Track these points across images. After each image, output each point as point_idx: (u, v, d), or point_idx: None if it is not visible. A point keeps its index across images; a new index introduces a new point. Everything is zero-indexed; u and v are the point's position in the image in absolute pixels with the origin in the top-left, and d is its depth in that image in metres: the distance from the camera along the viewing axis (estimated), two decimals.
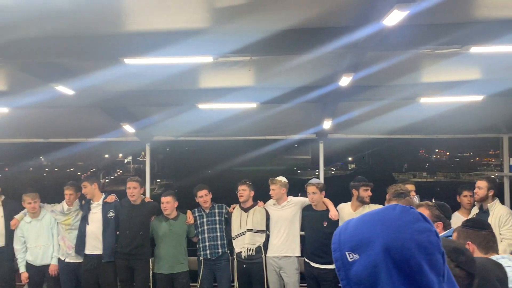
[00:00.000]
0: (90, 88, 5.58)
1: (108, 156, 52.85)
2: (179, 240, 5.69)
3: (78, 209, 5.85)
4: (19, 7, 3.55)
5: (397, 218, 1.01)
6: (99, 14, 3.83)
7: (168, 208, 5.59)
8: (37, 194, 5.86)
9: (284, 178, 5.71)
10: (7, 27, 3.95)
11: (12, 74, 5.67)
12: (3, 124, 7.30)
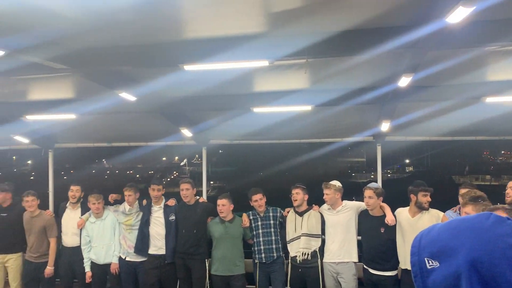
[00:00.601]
0: (151, 94, 5.81)
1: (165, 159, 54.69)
2: (235, 242, 5.75)
3: (138, 210, 6.06)
4: (85, 18, 3.77)
5: (489, 228, 0.91)
6: (160, 23, 4.00)
7: (224, 210, 5.68)
8: (101, 195, 6.15)
9: (339, 182, 5.58)
10: (75, 38, 4.21)
11: (79, 82, 6.04)
12: (70, 129, 7.79)
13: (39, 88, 6.37)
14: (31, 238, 6.28)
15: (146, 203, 6.03)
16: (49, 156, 8.53)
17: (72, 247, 6.23)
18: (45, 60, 4.40)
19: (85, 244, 6.18)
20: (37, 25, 3.69)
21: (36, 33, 3.79)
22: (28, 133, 8.07)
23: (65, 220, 6.30)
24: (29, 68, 4.80)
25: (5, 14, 3.38)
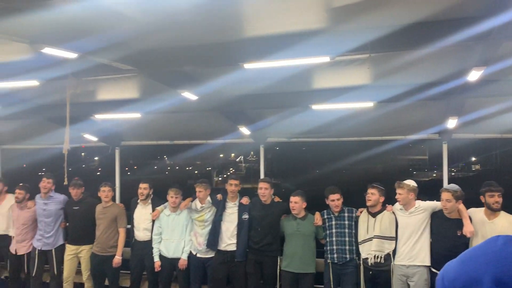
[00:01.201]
0: (211, 93, 5.92)
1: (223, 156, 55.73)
2: (307, 240, 5.69)
3: (211, 205, 6.12)
4: (150, 20, 3.91)
5: (501, 250, 0.95)
6: (222, 23, 4.05)
7: (296, 207, 5.65)
8: (180, 191, 6.25)
9: (413, 182, 5.33)
10: (140, 39, 4.39)
11: (143, 83, 6.28)
12: (135, 127, 8.14)
13: (107, 89, 6.69)
14: (99, 229, 6.60)
15: (221, 199, 6.06)
16: (116, 153, 8.95)
17: (143, 241, 6.43)
18: (113, 62, 4.62)
19: (156, 235, 6.33)
20: (106, 27, 3.87)
21: (105, 35, 3.98)
22: (96, 132, 8.52)
23: (137, 215, 6.54)
24: (98, 69, 5.08)
25: (78, 18, 3.58)
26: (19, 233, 6.88)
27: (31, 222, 6.86)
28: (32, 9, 3.20)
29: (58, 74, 5.05)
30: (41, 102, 7.18)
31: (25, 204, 6.86)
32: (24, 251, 6.86)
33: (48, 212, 6.74)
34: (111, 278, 6.64)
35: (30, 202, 6.87)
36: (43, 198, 6.78)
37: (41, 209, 6.76)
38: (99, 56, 4.38)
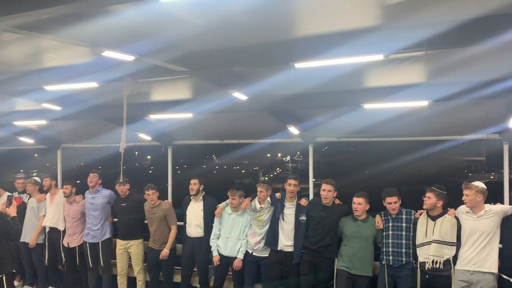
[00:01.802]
0: (261, 93, 5.95)
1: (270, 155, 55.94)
2: (366, 242, 5.60)
3: (270, 206, 6.12)
4: (203, 22, 3.98)
5: None
6: (272, 23, 4.07)
7: (359, 209, 5.58)
8: (238, 192, 6.28)
9: (482, 183, 5.06)
10: (193, 41, 4.49)
11: (195, 83, 6.43)
12: (187, 127, 8.33)
13: (160, 90, 6.91)
14: (152, 227, 6.86)
15: (280, 197, 6.04)
16: (169, 152, 9.22)
17: (195, 238, 6.62)
18: (167, 63, 4.76)
19: (217, 231, 6.44)
20: (161, 31, 3.99)
21: (160, 38, 4.11)
22: (150, 131, 8.81)
23: (189, 211, 6.72)
24: (153, 71, 5.25)
25: (136, 23, 3.72)
26: (69, 226, 7.28)
27: (80, 215, 7.24)
28: (94, 15, 3.37)
29: (115, 76, 5.28)
30: (99, 103, 7.53)
31: (74, 198, 7.24)
32: (75, 244, 7.25)
33: (95, 205, 7.09)
34: (165, 273, 6.87)
35: (78, 196, 7.26)
36: (91, 192, 7.15)
37: (89, 203, 7.14)
38: (154, 58, 4.54)
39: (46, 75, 5.73)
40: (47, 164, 16.87)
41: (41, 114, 8.11)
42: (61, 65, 5.43)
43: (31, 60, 5.56)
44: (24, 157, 17.30)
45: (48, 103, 7.24)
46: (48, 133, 9.85)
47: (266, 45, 4.50)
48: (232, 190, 6.32)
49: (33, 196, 7.62)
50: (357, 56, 4.17)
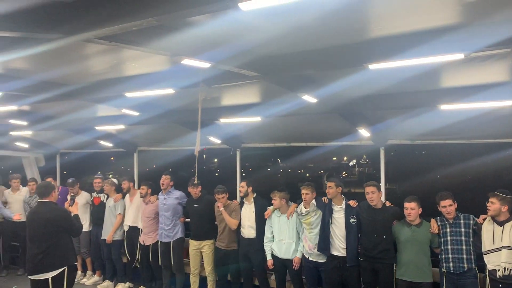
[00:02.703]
0: (331, 95, 5.91)
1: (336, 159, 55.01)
2: (423, 248, 5.43)
3: (316, 209, 6.11)
4: (274, 27, 4.04)
5: None
6: (344, 25, 4.04)
7: (412, 214, 5.41)
8: (282, 194, 6.39)
9: None
10: (265, 46, 4.57)
11: (264, 87, 6.52)
12: (255, 130, 8.48)
13: (231, 94, 7.09)
14: (221, 227, 7.06)
15: (327, 201, 6.05)
16: (237, 154, 9.43)
17: (249, 239, 6.74)
18: (240, 69, 4.89)
19: (270, 234, 6.55)
20: (237, 38, 4.12)
21: (234, 45, 4.24)
22: (220, 134, 9.08)
23: (243, 213, 6.88)
24: (225, 76, 5.42)
25: (212, 32, 3.87)
26: (145, 225, 7.67)
27: (154, 215, 7.60)
28: (176, 26, 3.56)
29: (191, 82, 5.52)
30: (173, 108, 7.88)
31: (149, 199, 7.62)
32: (150, 242, 7.62)
33: (167, 206, 7.41)
34: (232, 272, 7.03)
35: (153, 197, 7.64)
36: (163, 193, 7.48)
37: (162, 204, 7.47)
38: (228, 64, 4.68)
39: (126, 83, 6.12)
40: (122, 166, 17.82)
41: (120, 119, 8.65)
42: (141, 73, 5.78)
43: (113, 69, 5.96)
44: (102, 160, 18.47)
45: (127, 109, 7.71)
46: (125, 137, 10.48)
47: (339, 47, 4.47)
48: (274, 192, 6.40)
49: (110, 196, 8.13)
50: (435, 56, 4.02)
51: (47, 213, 5.29)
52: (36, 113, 9.04)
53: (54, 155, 12.19)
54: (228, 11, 2.97)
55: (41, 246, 5.19)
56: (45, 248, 5.17)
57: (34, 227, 5.33)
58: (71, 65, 5.64)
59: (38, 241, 5.24)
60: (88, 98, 7.23)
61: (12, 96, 7.12)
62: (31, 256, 5.29)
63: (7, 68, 5.97)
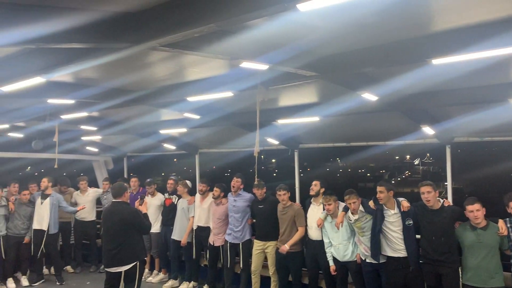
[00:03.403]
0: (392, 93, 5.75)
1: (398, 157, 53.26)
2: (491, 252, 5.11)
3: (365, 214, 5.92)
4: (334, 26, 4.01)
5: None
6: (404, 20, 3.92)
7: (479, 216, 5.11)
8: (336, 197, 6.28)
9: None
10: (324, 46, 4.54)
11: (322, 87, 6.46)
12: (313, 131, 8.43)
13: (288, 95, 7.10)
14: (282, 227, 7.06)
15: (375, 207, 5.82)
16: (295, 155, 9.41)
17: (316, 240, 6.65)
18: (298, 69, 4.90)
19: (327, 239, 6.48)
20: (294, 39, 4.13)
21: (292, 45, 4.26)
22: (277, 135, 9.11)
23: (310, 215, 6.80)
24: (283, 77, 5.44)
25: (271, 34, 3.91)
26: (215, 226, 7.82)
27: (224, 217, 7.73)
28: (235, 30, 3.64)
29: (249, 84, 5.60)
30: (232, 110, 8.03)
31: (220, 201, 7.77)
32: (219, 243, 7.76)
33: (237, 208, 7.50)
34: (293, 274, 7.01)
35: (224, 199, 7.77)
36: (233, 195, 7.60)
37: (232, 205, 7.57)
38: (287, 65, 4.71)
39: (188, 87, 6.33)
40: (184, 168, 18.41)
41: (182, 122, 8.97)
42: (201, 78, 5.96)
43: (175, 75, 6.20)
44: (165, 161, 19.20)
45: (189, 112, 7.96)
46: (187, 139, 10.83)
47: (400, 42, 4.34)
48: (326, 196, 6.27)
49: (184, 197, 8.36)
50: (505, 48, 3.77)
51: (120, 212, 5.74)
52: (105, 118, 9.60)
53: (121, 158, 12.84)
54: (285, 13, 3.00)
55: (114, 242, 5.67)
56: (118, 244, 5.64)
57: (109, 225, 5.83)
58: (137, 72, 5.94)
59: (112, 237, 5.72)
60: (153, 103, 7.56)
61: (83, 103, 7.61)
62: (106, 251, 5.80)
63: (78, 77, 6.39)
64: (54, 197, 8.58)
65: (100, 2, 3.29)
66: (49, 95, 6.54)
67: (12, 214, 8.40)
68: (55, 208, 8.54)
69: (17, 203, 8.44)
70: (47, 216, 8.42)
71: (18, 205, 8.43)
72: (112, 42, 3.72)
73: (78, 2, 3.22)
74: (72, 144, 11.50)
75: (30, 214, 8.50)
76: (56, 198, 8.62)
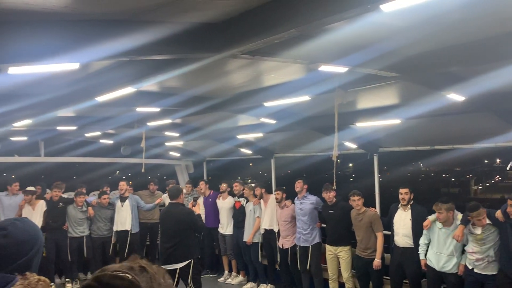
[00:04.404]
0: (482, 92, 5.38)
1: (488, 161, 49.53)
2: None
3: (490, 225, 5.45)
4: (417, 26, 3.84)
5: None
6: (491, 15, 3.67)
7: None
8: (450, 205, 5.82)
9: None
10: (407, 46, 4.36)
11: (404, 88, 6.21)
12: (394, 133, 8.11)
13: (367, 97, 6.92)
14: (359, 234, 6.89)
15: (502, 219, 5.35)
16: (374, 159, 9.13)
17: (403, 248, 6.38)
18: (379, 71, 4.76)
19: (424, 243, 6.14)
20: (375, 39, 4.03)
21: (374, 47, 4.15)
22: (355, 139, 8.91)
23: (396, 220, 6.53)
24: (362, 79, 5.33)
25: (350, 36, 3.85)
26: (282, 229, 7.90)
27: (290, 219, 7.79)
28: (314, 34, 3.64)
29: (327, 88, 5.56)
30: (308, 114, 8.00)
31: (284, 203, 7.83)
32: (288, 245, 7.80)
33: (303, 211, 7.51)
34: (374, 282, 6.81)
35: (288, 201, 7.82)
36: (299, 198, 7.60)
37: (298, 208, 7.61)
38: (367, 67, 4.60)
39: (265, 93, 6.43)
40: (260, 172, 18.65)
41: (259, 127, 9.11)
42: (278, 83, 6.02)
43: (253, 81, 6.32)
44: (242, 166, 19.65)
45: (266, 117, 8.07)
46: (263, 144, 10.98)
47: (490, 39, 4.06)
48: (437, 203, 5.82)
49: (250, 199, 8.58)
50: None
51: (177, 213, 6.23)
52: (186, 125, 10.05)
53: (201, 162, 13.34)
54: (365, 15, 2.94)
55: (171, 241, 6.13)
56: (174, 243, 6.09)
57: (167, 224, 6.35)
58: (216, 80, 6.15)
59: (170, 236, 6.20)
60: (231, 109, 7.78)
61: (167, 111, 8.04)
62: (164, 249, 6.30)
63: (163, 86, 6.76)
64: (132, 198, 9.18)
65: (185, 15, 3.46)
66: (137, 103, 6.99)
67: (93, 217, 9.03)
68: (134, 208, 9.14)
69: (98, 207, 9.10)
70: (129, 217, 9.02)
71: (99, 209, 9.09)
72: (196, 52, 3.89)
73: (165, 16, 3.42)
74: (156, 149, 12.17)
75: (111, 216, 9.15)
76: (134, 199, 9.23)
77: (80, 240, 8.91)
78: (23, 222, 2.06)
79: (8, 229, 1.95)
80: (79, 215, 8.88)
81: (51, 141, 11.01)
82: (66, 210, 8.84)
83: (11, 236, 1.92)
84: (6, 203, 8.78)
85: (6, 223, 2.01)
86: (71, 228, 8.86)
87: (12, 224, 2.00)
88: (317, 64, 4.32)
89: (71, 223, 8.85)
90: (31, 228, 2.05)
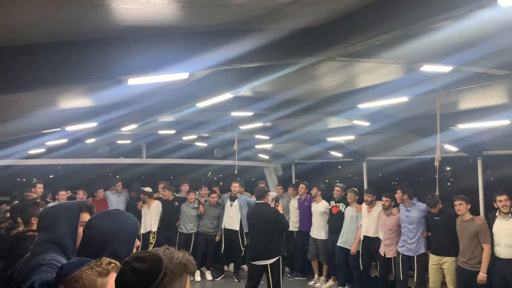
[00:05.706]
0: None
1: None
2: None
3: None
4: None
5: None
6: None
7: None
8: None
9: None
10: None
11: None
12: (502, 135, 7.46)
13: (471, 97, 6.46)
14: (462, 243, 6.46)
15: None
16: (478, 164, 8.49)
17: (506, 259, 6.00)
18: (488, 69, 4.42)
19: None
20: (486, 37, 3.74)
21: (484, 45, 3.85)
22: (455, 141, 8.35)
23: (496, 230, 6.17)
24: (468, 78, 4.98)
25: (456, 34, 3.62)
26: (386, 237, 7.59)
27: (396, 227, 7.45)
28: (415, 34, 3.48)
29: (428, 88, 5.29)
30: (405, 116, 7.66)
31: (391, 211, 7.50)
32: (391, 255, 7.50)
33: (410, 219, 7.15)
34: None
35: (394, 209, 7.49)
36: (406, 205, 7.25)
37: (405, 216, 7.26)
38: (475, 66, 4.30)
39: (359, 95, 6.28)
40: (349, 175, 18.36)
41: (351, 130, 8.94)
42: (374, 84, 5.85)
43: (346, 83, 6.21)
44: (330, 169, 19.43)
45: (359, 120, 7.89)
46: (354, 147, 10.74)
47: None
48: None
49: (352, 205, 8.40)
50: None
51: (263, 212, 6.65)
52: (276, 128, 10.18)
53: (289, 165, 13.42)
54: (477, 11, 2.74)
55: (260, 238, 6.47)
56: (263, 240, 6.43)
57: (254, 222, 6.74)
58: (307, 83, 6.15)
59: (258, 234, 6.56)
60: (322, 112, 7.72)
61: (258, 115, 8.22)
62: (253, 246, 6.71)
63: (256, 91, 6.92)
64: (241, 198, 9.60)
65: (286, 21, 3.51)
66: (232, 108, 7.25)
67: (203, 214, 9.61)
68: (244, 208, 9.50)
69: (207, 205, 9.68)
70: (238, 216, 9.40)
71: (208, 207, 9.69)
72: (295, 57, 3.93)
73: (267, 24, 3.50)
74: (247, 152, 12.50)
75: (218, 214, 9.70)
76: (243, 199, 9.62)
77: (188, 237, 9.57)
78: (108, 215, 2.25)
79: (93, 221, 2.21)
80: (192, 212, 9.55)
81: (152, 144, 11.85)
82: (180, 208, 9.53)
83: (94, 228, 2.17)
84: (114, 201, 9.86)
85: (96, 216, 2.28)
86: (182, 225, 9.57)
87: (96, 217, 2.26)
88: (419, 64, 4.13)
89: (183, 220, 9.55)
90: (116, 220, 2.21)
